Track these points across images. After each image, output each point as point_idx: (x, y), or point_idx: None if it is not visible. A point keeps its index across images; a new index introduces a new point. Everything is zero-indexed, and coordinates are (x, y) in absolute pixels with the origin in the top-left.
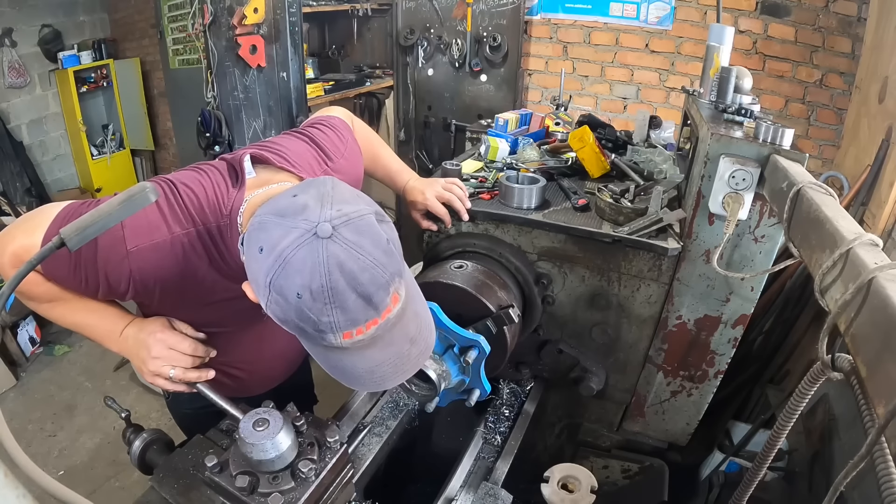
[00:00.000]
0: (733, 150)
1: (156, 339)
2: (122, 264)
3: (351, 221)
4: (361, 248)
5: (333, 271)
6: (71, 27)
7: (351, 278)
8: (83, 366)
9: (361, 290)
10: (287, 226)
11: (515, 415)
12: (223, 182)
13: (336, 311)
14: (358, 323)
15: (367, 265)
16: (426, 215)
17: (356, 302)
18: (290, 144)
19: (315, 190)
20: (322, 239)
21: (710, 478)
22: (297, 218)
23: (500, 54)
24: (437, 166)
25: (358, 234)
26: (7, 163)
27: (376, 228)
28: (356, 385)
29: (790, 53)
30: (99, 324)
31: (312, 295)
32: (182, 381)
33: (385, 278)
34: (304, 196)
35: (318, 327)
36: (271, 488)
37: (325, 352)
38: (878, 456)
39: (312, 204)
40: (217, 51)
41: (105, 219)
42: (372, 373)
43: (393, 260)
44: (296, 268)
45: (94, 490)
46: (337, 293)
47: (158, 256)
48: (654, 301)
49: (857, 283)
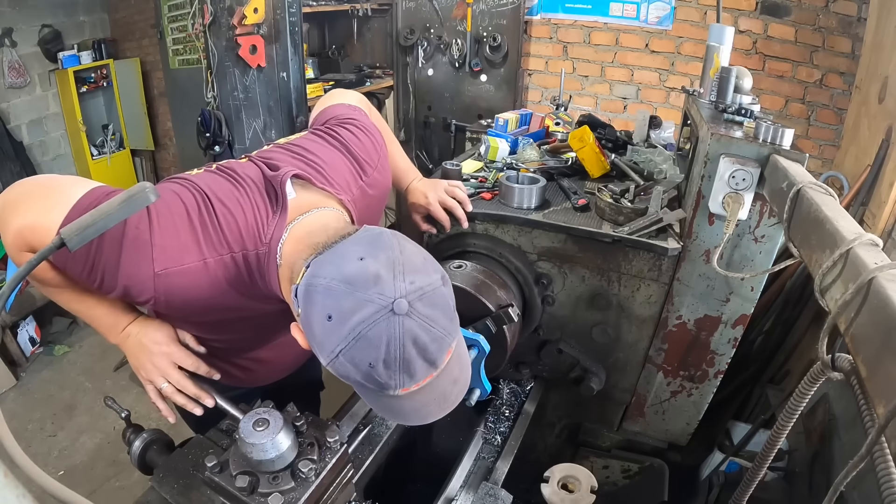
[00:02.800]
0: (733, 150)
1: (160, 351)
2: (146, 284)
3: (425, 295)
4: (434, 322)
5: (407, 345)
6: (71, 27)
7: (422, 349)
8: (83, 366)
9: (428, 357)
10: (360, 298)
11: (515, 415)
12: (262, 203)
13: (404, 375)
14: (418, 380)
15: (438, 336)
16: (426, 218)
17: (422, 366)
18: (325, 156)
19: (385, 255)
20: (398, 316)
21: (710, 478)
22: (371, 291)
23: (500, 54)
24: (437, 166)
25: (432, 308)
26: (7, 163)
27: (447, 299)
28: (401, 420)
29: (790, 53)
30: (103, 316)
31: (385, 365)
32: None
33: (448, 342)
34: (374, 263)
35: (382, 387)
36: (271, 488)
37: (379, 397)
38: (878, 456)
39: (384, 274)
40: (217, 51)
41: (105, 219)
42: (418, 412)
43: (455, 324)
44: (371, 343)
45: (94, 490)
46: (407, 362)
47: (186, 281)
48: (654, 301)
49: (857, 283)
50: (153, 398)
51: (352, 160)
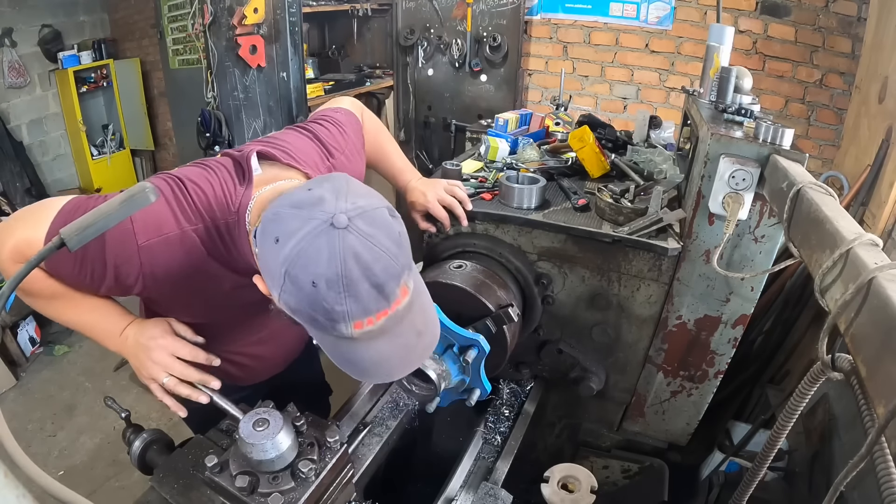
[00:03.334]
0: (733, 150)
1: (157, 345)
2: (133, 259)
3: (366, 213)
4: (376, 240)
5: (349, 260)
6: (71, 27)
7: (365, 268)
8: (83, 366)
9: (374, 280)
10: (304, 217)
11: (515, 415)
12: (230, 179)
13: (349, 300)
14: (369, 313)
15: (381, 256)
16: (425, 217)
17: (369, 292)
18: (293, 140)
19: (330, 184)
20: (339, 229)
21: (710, 478)
22: (315, 209)
23: (500, 54)
24: (437, 166)
25: (373, 226)
26: (7, 163)
27: (389, 221)
28: (364, 377)
29: (790, 53)
30: (99, 322)
31: (328, 284)
32: (171, 390)
33: (397, 269)
34: (320, 189)
35: (331, 316)
36: (271, 488)
37: (335, 342)
38: (878, 456)
39: (329, 196)
40: (217, 51)
41: (105, 219)
42: (379, 365)
43: (403, 252)
44: (312, 257)
45: (94, 490)
46: (351, 282)
47: (169, 251)
48: (654, 301)
49: (857, 283)
50: (159, 396)
51: (319, 144)
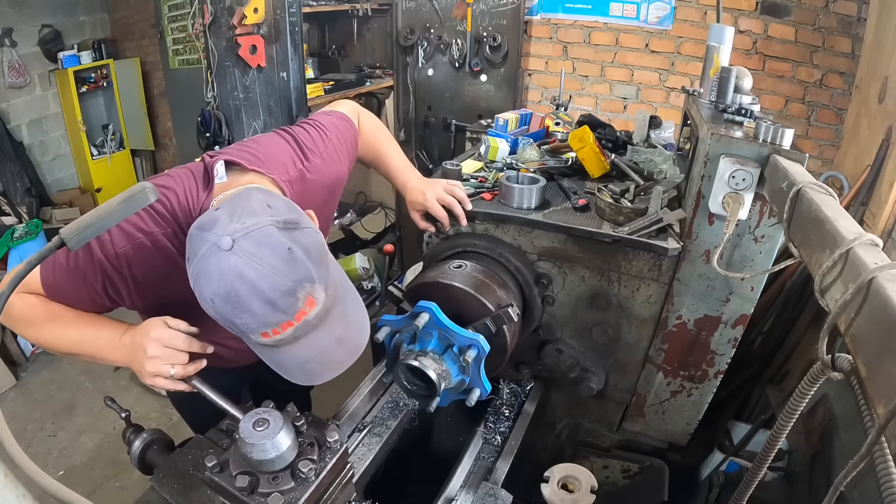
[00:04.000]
0: (733, 150)
1: (150, 339)
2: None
3: (250, 233)
4: (259, 259)
5: (234, 280)
6: (71, 27)
7: (251, 286)
8: (83, 366)
9: (265, 297)
10: (202, 238)
11: (515, 415)
12: (195, 186)
13: (244, 314)
14: (269, 325)
15: (266, 274)
16: (425, 216)
17: (262, 307)
18: (268, 143)
19: (232, 204)
20: (223, 251)
21: (710, 478)
22: (209, 232)
23: (500, 54)
24: (437, 166)
25: (257, 246)
26: (7, 163)
27: (276, 238)
28: (291, 377)
29: (790, 53)
30: (99, 335)
31: (222, 300)
32: (182, 377)
33: (287, 285)
34: (222, 210)
35: (236, 329)
36: (271, 488)
37: (258, 347)
38: (878, 456)
39: (223, 218)
40: (217, 51)
41: (105, 219)
42: (301, 368)
43: (297, 268)
44: (207, 277)
45: (94, 490)
46: (241, 300)
47: (144, 255)
48: (654, 301)
49: (857, 283)
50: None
51: (295, 147)
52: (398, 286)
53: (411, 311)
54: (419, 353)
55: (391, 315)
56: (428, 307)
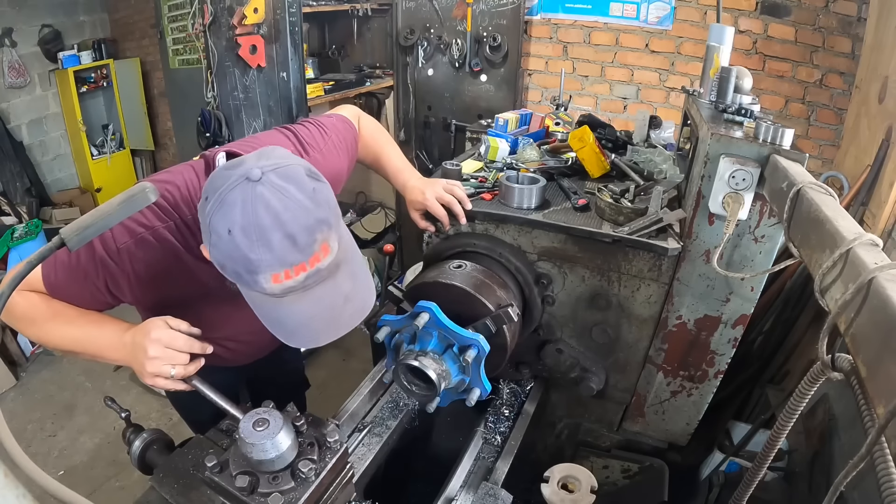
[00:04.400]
0: (733, 150)
1: (151, 340)
2: (116, 258)
3: (279, 168)
4: (286, 191)
5: (259, 209)
6: (71, 27)
7: (275, 217)
8: (83, 366)
9: (285, 230)
10: (226, 175)
11: (515, 415)
12: (195, 178)
13: (262, 248)
14: (284, 264)
15: (291, 206)
16: (425, 215)
17: (281, 242)
18: (269, 139)
19: (257, 151)
20: (252, 182)
21: (710, 478)
22: (236, 168)
23: (500, 54)
24: (437, 166)
25: (285, 180)
26: (7, 163)
27: (303, 178)
28: (292, 339)
29: (790, 53)
30: (100, 334)
31: (242, 231)
32: (182, 377)
33: (309, 221)
34: (250, 154)
35: (249, 267)
36: (271, 488)
37: (262, 301)
38: (878, 456)
39: (251, 158)
40: (217, 51)
41: (105, 219)
42: (305, 326)
43: (319, 208)
44: (229, 205)
45: (94, 490)
46: (262, 230)
47: (146, 250)
48: (654, 301)
49: (857, 283)
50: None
51: (295, 142)
52: (398, 286)
53: (411, 311)
54: (419, 353)
55: (391, 315)
56: (428, 307)
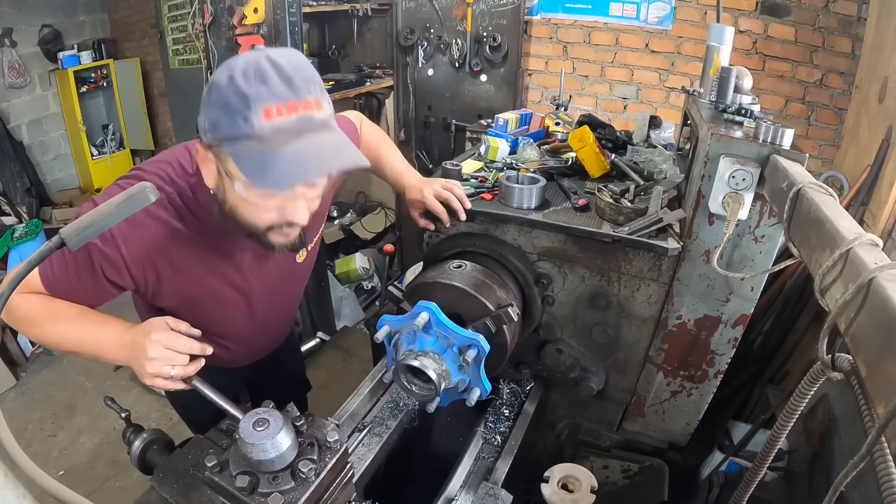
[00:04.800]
0: (733, 150)
1: (151, 341)
2: (112, 250)
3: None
4: (289, 53)
5: (262, 60)
6: (71, 27)
7: (275, 64)
8: (83, 366)
9: (284, 73)
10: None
11: (515, 415)
12: (186, 153)
13: (260, 85)
14: (278, 98)
15: (291, 60)
16: (424, 214)
17: (278, 81)
18: None
19: None
20: (258, 51)
21: (710, 478)
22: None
23: (500, 54)
24: (437, 166)
25: (288, 51)
26: (7, 163)
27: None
28: (278, 181)
29: (790, 53)
30: (101, 333)
31: (242, 75)
32: (182, 378)
33: (308, 73)
34: None
35: (244, 103)
36: (271, 488)
37: (250, 152)
38: (878, 456)
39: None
40: (217, 51)
41: (105, 219)
42: (295, 160)
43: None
44: (234, 60)
45: (94, 490)
46: (261, 71)
47: (140, 232)
48: (654, 301)
49: (857, 283)
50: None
51: None
52: (398, 286)
53: (411, 311)
54: (419, 353)
55: (391, 315)
56: (428, 307)
